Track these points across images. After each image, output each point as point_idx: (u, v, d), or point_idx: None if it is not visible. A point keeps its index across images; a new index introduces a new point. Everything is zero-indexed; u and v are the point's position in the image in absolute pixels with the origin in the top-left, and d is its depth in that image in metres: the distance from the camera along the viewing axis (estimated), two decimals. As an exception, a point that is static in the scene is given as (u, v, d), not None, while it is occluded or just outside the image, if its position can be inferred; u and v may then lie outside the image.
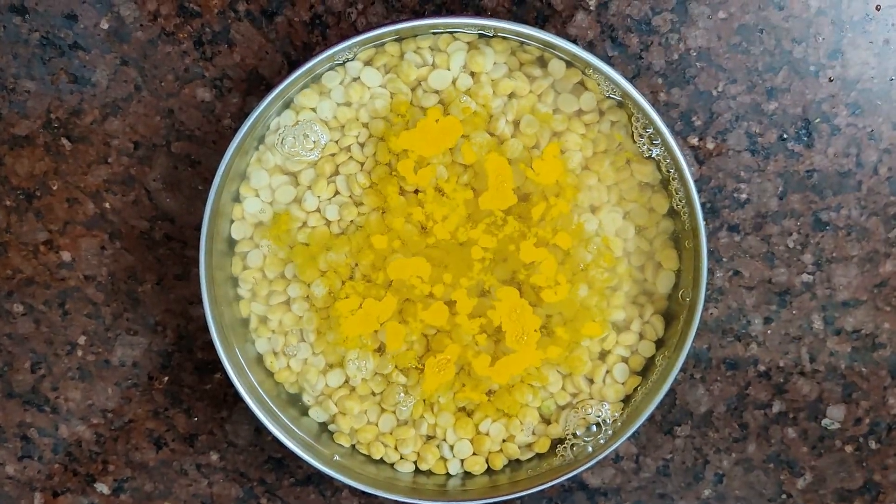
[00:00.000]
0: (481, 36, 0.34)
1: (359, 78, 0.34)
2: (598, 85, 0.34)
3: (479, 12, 0.37)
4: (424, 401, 0.35)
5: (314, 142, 0.34)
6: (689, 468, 0.40)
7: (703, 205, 0.34)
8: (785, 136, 0.38)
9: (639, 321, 0.35)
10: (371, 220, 0.34)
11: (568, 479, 0.35)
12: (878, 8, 0.37)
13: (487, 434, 0.35)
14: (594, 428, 0.36)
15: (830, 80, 0.38)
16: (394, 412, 0.35)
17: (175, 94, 0.38)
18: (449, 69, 0.34)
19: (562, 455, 0.35)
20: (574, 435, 0.36)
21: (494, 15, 0.37)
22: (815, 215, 0.38)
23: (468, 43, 0.34)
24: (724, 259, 0.39)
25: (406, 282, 0.34)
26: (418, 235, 0.34)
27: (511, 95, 0.34)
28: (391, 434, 0.36)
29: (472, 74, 0.34)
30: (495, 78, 0.34)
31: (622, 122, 0.35)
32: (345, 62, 0.34)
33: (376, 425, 0.36)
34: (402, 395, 0.35)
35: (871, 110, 0.38)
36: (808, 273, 0.39)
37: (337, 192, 0.35)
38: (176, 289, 0.39)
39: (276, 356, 0.36)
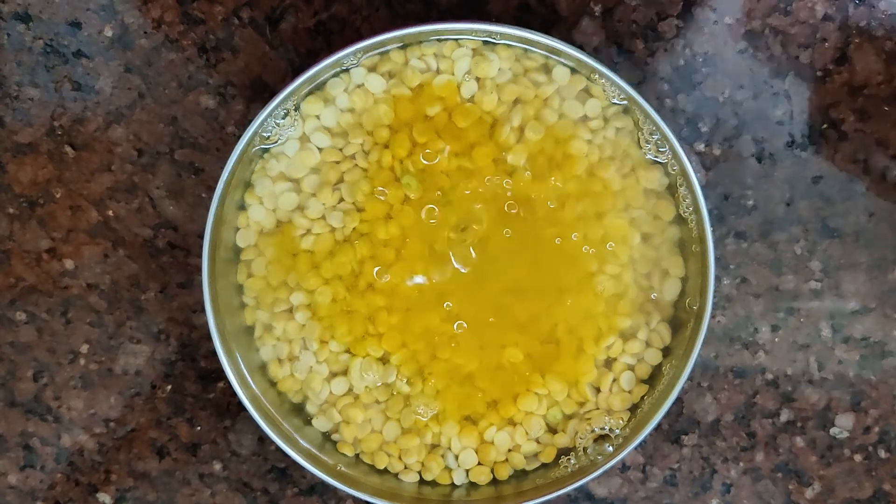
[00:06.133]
0: (486, 42, 0.34)
1: (363, 84, 0.34)
2: (604, 91, 0.34)
3: (485, 18, 0.37)
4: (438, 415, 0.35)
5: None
6: (696, 478, 0.39)
7: (709, 211, 0.33)
8: (792, 142, 0.38)
9: (645, 329, 0.35)
10: (376, 227, 0.34)
11: (574, 489, 0.35)
12: (884, 13, 0.37)
13: (493, 443, 0.35)
14: (601, 437, 0.35)
15: (837, 86, 0.37)
16: (398, 420, 0.35)
17: (179, 101, 0.38)
18: (453, 76, 0.34)
19: (567, 465, 0.35)
20: (580, 444, 0.35)
21: (499, 21, 0.37)
22: (823, 222, 0.38)
23: (473, 49, 0.34)
24: (732, 266, 0.38)
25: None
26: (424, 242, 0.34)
27: (516, 101, 0.34)
28: (395, 443, 0.35)
29: (477, 80, 0.34)
30: (500, 84, 0.34)
31: (628, 129, 0.34)
32: (349, 69, 0.34)
33: (380, 434, 0.35)
34: (422, 407, 0.35)
35: (879, 116, 0.37)
36: (816, 280, 0.38)
37: (341, 200, 0.35)
38: (179, 297, 0.39)
39: (281, 364, 0.35)
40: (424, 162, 0.34)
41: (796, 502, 0.39)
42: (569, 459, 0.35)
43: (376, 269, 0.34)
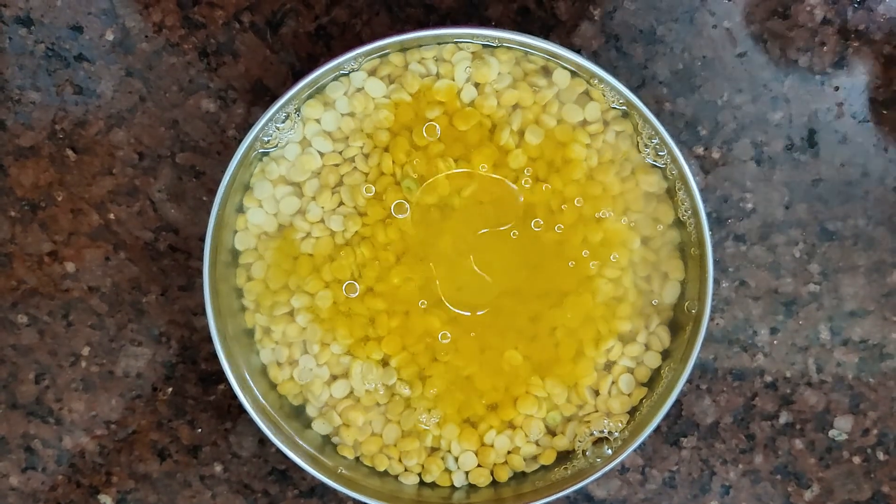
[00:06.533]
0: (486, 46, 0.34)
1: (363, 88, 0.34)
2: (603, 95, 0.34)
3: (484, 23, 0.37)
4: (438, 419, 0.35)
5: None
6: (695, 480, 0.39)
7: (708, 214, 0.34)
8: (791, 145, 0.38)
9: (644, 332, 0.35)
10: (376, 231, 0.34)
11: (573, 491, 0.35)
12: (882, 17, 0.37)
13: (492, 446, 0.35)
14: (600, 440, 0.35)
15: (836, 89, 0.37)
16: (398, 423, 0.35)
17: (180, 105, 0.38)
18: (453, 80, 0.34)
19: (566, 467, 0.35)
20: (580, 447, 0.35)
21: (499, 25, 0.37)
22: (822, 225, 0.38)
23: (473, 53, 0.34)
24: (730, 269, 0.38)
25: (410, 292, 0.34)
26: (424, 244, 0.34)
27: (515, 106, 0.34)
28: (395, 446, 0.35)
29: (477, 85, 0.34)
30: (500, 88, 0.34)
31: (627, 132, 0.34)
32: (349, 73, 0.34)
33: (380, 437, 0.35)
34: (425, 415, 0.35)
35: (878, 119, 0.38)
36: (815, 283, 0.38)
37: (341, 203, 0.35)
38: (180, 300, 0.39)
39: (280, 367, 0.35)
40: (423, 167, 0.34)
41: (795, 504, 0.39)
42: (568, 462, 0.35)
43: (376, 272, 0.34)
